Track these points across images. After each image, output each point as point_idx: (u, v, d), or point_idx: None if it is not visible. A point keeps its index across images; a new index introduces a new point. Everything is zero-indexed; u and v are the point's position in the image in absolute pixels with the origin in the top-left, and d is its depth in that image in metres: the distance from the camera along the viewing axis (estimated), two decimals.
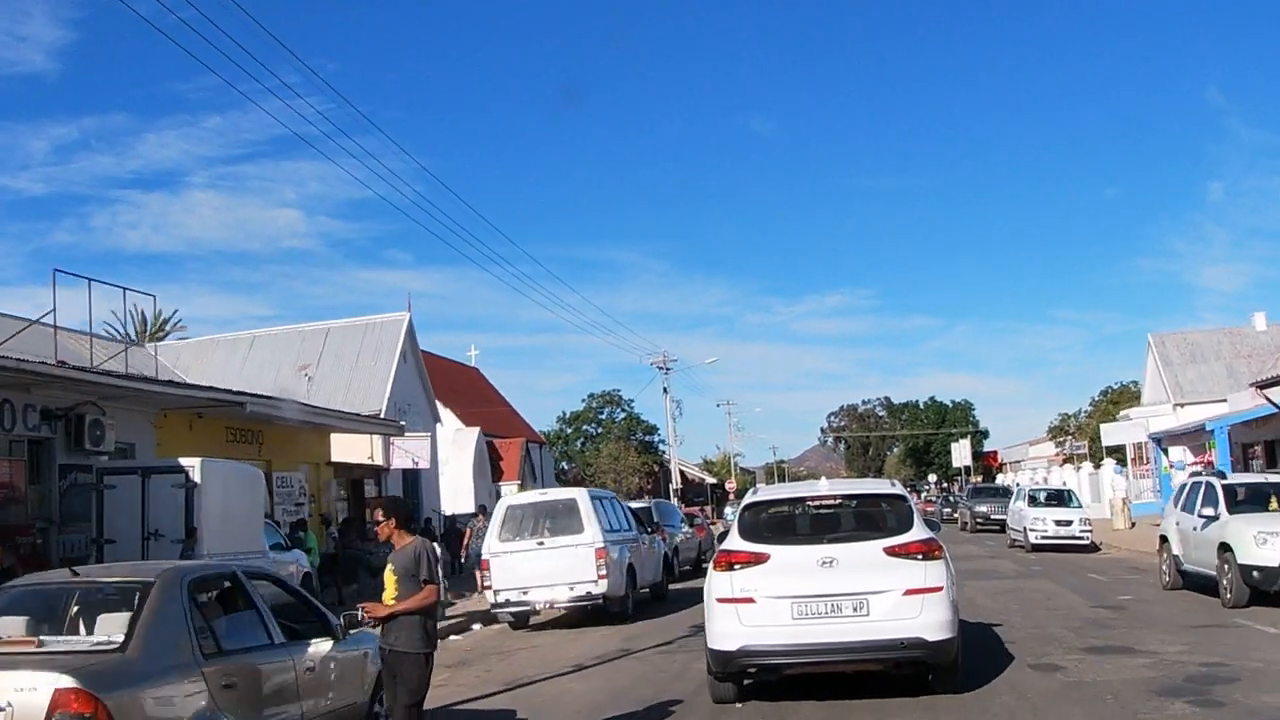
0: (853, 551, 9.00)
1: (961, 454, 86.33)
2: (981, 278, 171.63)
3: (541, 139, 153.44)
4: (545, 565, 16.13)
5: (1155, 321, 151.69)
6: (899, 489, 10.23)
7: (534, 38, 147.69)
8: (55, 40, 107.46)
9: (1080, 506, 30.28)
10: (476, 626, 17.85)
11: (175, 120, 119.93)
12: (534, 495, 17.53)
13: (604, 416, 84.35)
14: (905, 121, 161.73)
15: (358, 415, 26.36)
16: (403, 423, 28.45)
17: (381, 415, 30.27)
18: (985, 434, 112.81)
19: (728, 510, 52.34)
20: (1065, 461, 69.05)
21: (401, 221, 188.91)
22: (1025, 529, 28.60)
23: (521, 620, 17.09)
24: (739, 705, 9.29)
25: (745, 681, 9.39)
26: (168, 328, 53.50)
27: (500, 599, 16.42)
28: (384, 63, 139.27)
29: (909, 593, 8.67)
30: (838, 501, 10.06)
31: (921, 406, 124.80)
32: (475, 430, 44.21)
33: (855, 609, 8.65)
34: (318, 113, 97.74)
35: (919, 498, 62.53)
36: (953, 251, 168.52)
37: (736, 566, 9.09)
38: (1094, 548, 28.47)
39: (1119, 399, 72.16)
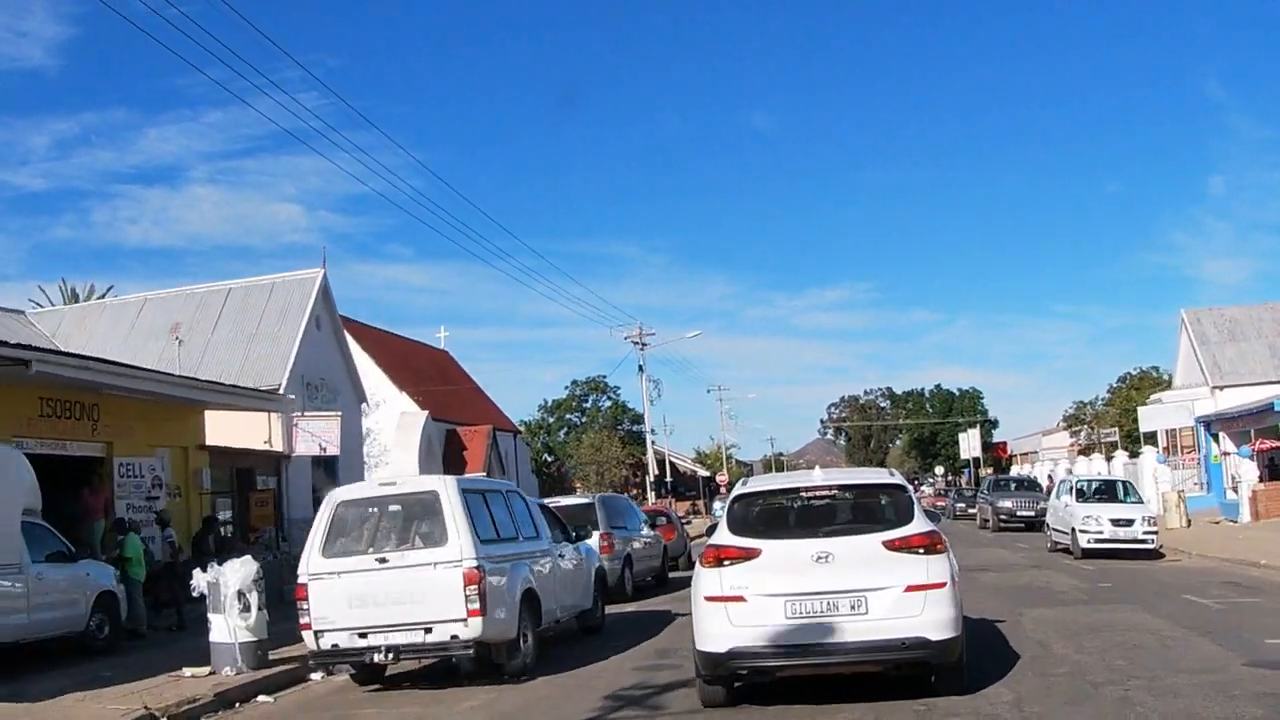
0: (850, 546, 8.48)
1: (971, 444, 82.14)
2: (982, 272, 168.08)
3: (541, 134, 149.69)
4: (390, 594, 10.46)
5: (1155, 317, 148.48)
6: (898, 478, 9.59)
7: (533, 32, 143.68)
8: (56, 36, 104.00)
9: (1141, 502, 24.52)
10: (316, 676, 12.27)
11: (176, 115, 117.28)
12: (375, 487, 11.91)
13: (589, 405, 79.15)
14: (906, 116, 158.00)
15: (214, 384, 20.62)
16: (292, 396, 22.79)
17: (281, 389, 24.87)
18: (995, 424, 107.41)
19: (716, 504, 47.06)
20: (1083, 451, 64.92)
21: (401, 216, 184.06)
22: (1074, 530, 22.77)
23: (369, 672, 11.46)
24: None
25: (736, 684, 8.68)
26: None
27: (325, 644, 10.74)
28: (385, 58, 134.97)
29: (910, 589, 8.13)
30: (833, 492, 9.32)
31: (926, 396, 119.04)
32: (424, 414, 38.77)
33: (853, 607, 8.12)
34: (309, 110, 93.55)
35: (918, 491, 57.09)
36: (954, 246, 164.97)
37: (726, 563, 8.55)
38: (1159, 553, 22.86)
39: (1141, 384, 67.99)
